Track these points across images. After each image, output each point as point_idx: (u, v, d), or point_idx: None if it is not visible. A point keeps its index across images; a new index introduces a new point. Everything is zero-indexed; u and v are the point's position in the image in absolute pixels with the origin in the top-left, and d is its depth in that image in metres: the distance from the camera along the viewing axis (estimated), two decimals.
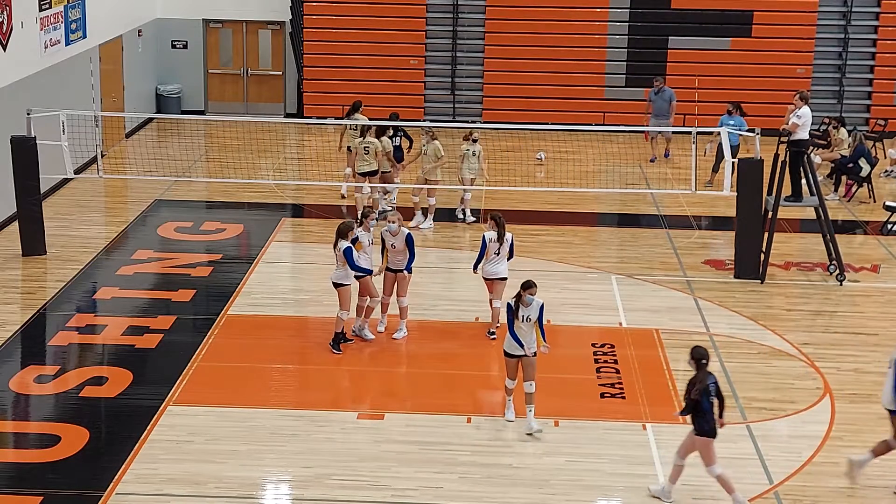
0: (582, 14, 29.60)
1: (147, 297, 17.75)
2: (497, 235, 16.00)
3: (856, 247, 20.95)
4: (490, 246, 16.05)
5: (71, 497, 12.04)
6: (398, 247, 15.98)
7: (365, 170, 21.11)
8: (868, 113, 29.48)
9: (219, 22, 30.90)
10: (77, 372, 15.04)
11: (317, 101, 29.81)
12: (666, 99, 26.19)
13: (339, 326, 15.71)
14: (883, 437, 12.67)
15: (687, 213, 22.58)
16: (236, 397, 14.34)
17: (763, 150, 19.18)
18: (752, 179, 18.83)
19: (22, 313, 17.01)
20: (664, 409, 14.16)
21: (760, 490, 12.37)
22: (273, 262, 19.44)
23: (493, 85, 29.82)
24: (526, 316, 13.29)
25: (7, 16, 20.85)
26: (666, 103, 26.19)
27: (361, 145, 21.10)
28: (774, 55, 29.36)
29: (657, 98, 26.24)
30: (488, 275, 16.19)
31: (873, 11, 29.73)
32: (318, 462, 12.76)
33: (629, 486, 12.44)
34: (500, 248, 16.06)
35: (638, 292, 18.25)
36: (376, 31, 29.65)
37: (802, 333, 16.77)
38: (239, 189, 23.50)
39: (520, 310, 13.29)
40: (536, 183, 23.04)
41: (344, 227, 15.51)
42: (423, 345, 16.21)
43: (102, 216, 22.16)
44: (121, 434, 13.41)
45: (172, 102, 30.38)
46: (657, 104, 26.28)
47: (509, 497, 12.16)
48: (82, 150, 22.21)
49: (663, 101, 26.19)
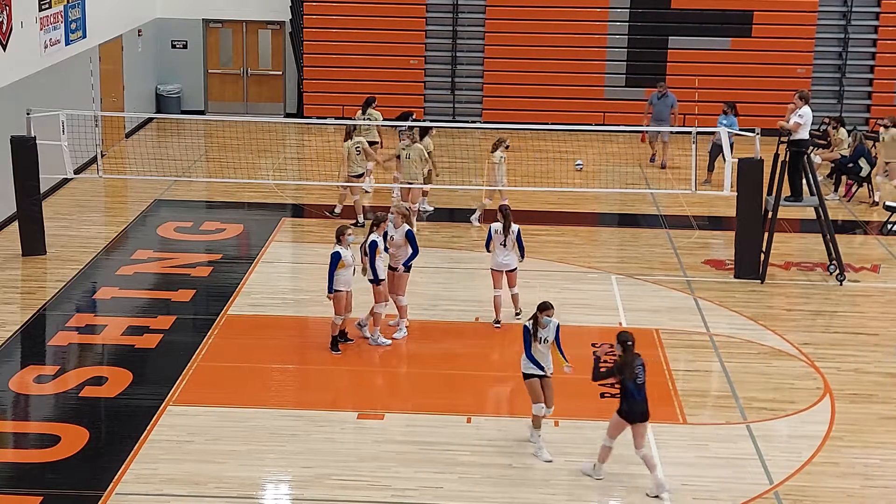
0: (582, 14, 29.60)
1: (147, 297, 17.74)
2: (503, 227, 16.10)
3: (856, 247, 20.96)
4: (495, 237, 16.25)
5: (71, 497, 12.04)
6: (397, 240, 15.97)
7: (358, 172, 21.03)
8: (868, 113, 29.47)
9: (219, 22, 30.90)
10: (77, 372, 15.03)
11: (317, 101, 29.81)
12: (668, 104, 26.00)
13: (334, 330, 15.73)
14: (882, 437, 12.68)
15: (687, 213, 22.58)
16: (236, 397, 14.34)
17: (763, 150, 19.18)
18: (752, 179, 18.83)
19: (22, 313, 17.01)
20: (664, 409, 14.15)
21: (760, 490, 12.37)
22: (273, 262, 19.44)
23: (493, 85, 29.82)
24: (543, 338, 13.04)
25: (7, 16, 20.85)
26: (667, 109, 26.02)
27: (353, 146, 20.95)
28: (774, 55, 29.36)
29: (659, 102, 26.04)
30: (498, 266, 16.40)
31: (873, 11, 29.73)
32: (318, 462, 12.76)
33: (629, 486, 12.43)
34: (505, 240, 16.23)
35: (638, 292, 18.25)
36: (376, 31, 29.65)
37: (802, 333, 16.76)
38: (239, 189, 23.50)
39: (538, 332, 12.99)
40: (536, 183, 23.01)
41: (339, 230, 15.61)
42: (423, 345, 16.21)
43: (102, 216, 22.16)
44: (121, 434, 13.41)
45: (172, 102, 30.38)
46: (658, 108, 26.07)
47: (509, 497, 12.16)
48: (82, 150, 22.20)
49: (665, 107, 26.00)
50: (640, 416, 12.08)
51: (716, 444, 13.37)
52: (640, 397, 12.02)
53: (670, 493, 12.18)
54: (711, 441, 13.45)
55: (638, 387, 12.02)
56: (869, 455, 13.17)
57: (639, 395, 12.02)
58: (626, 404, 12.06)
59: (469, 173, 24.12)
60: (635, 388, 12.01)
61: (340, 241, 15.51)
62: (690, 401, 14.48)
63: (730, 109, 24.15)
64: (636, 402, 12.02)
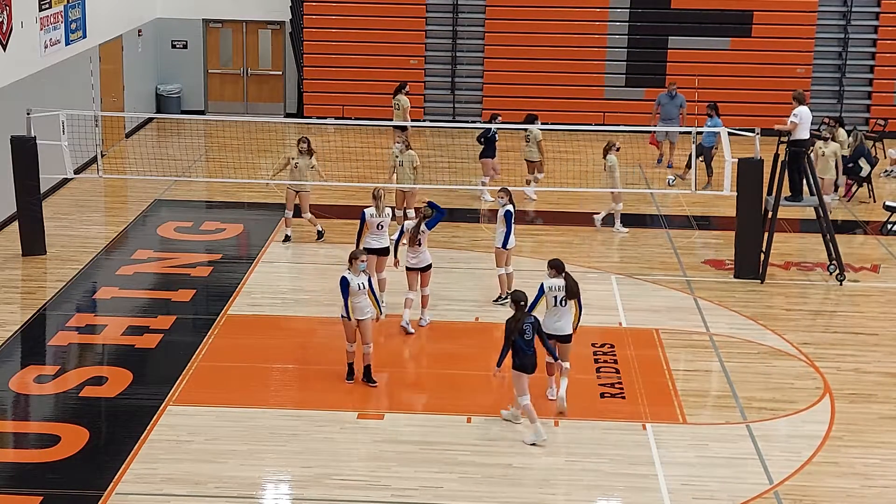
0: (582, 14, 29.61)
1: (147, 297, 17.75)
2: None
3: (856, 247, 20.96)
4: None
5: (71, 497, 12.04)
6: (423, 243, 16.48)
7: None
8: (868, 113, 29.48)
9: (219, 22, 30.91)
10: (77, 372, 15.04)
11: (317, 101, 29.81)
12: (677, 104, 26.07)
13: (349, 358, 14.86)
14: (882, 437, 12.68)
15: (687, 213, 22.59)
16: (236, 397, 14.34)
17: (763, 150, 19.18)
18: (752, 179, 18.83)
19: (22, 313, 17.01)
20: (664, 409, 14.17)
21: (760, 490, 12.37)
22: (273, 262, 19.44)
23: (493, 85, 29.82)
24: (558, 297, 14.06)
25: (7, 16, 20.86)
26: (676, 108, 26.08)
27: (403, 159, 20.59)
28: (774, 55, 29.37)
29: (669, 102, 26.08)
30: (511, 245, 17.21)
31: (873, 11, 29.74)
32: (318, 462, 12.76)
33: (629, 486, 12.44)
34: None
35: (638, 292, 18.25)
36: (376, 31, 29.66)
37: (802, 333, 16.77)
38: (239, 189, 23.51)
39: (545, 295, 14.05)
40: (536, 183, 23.06)
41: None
42: (423, 345, 16.21)
43: (102, 216, 22.16)
44: (121, 434, 13.41)
45: (172, 102, 30.38)
46: (667, 108, 26.08)
47: (509, 497, 12.16)
48: (82, 150, 22.21)
49: (674, 107, 26.06)
50: (531, 368, 13.27)
51: (716, 444, 13.37)
52: (529, 351, 13.21)
53: (545, 441, 13.04)
54: (711, 441, 13.45)
55: (527, 342, 13.18)
56: (869, 455, 13.17)
57: (528, 350, 13.20)
58: (517, 359, 13.21)
59: (469, 173, 24.12)
60: (524, 344, 13.17)
61: (352, 265, 14.51)
62: (690, 401, 14.48)
63: (713, 111, 24.21)
64: (526, 356, 13.21)
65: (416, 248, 16.37)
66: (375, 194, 16.94)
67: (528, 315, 13.32)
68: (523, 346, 13.20)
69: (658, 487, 12.40)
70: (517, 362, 13.23)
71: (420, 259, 16.42)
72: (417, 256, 16.41)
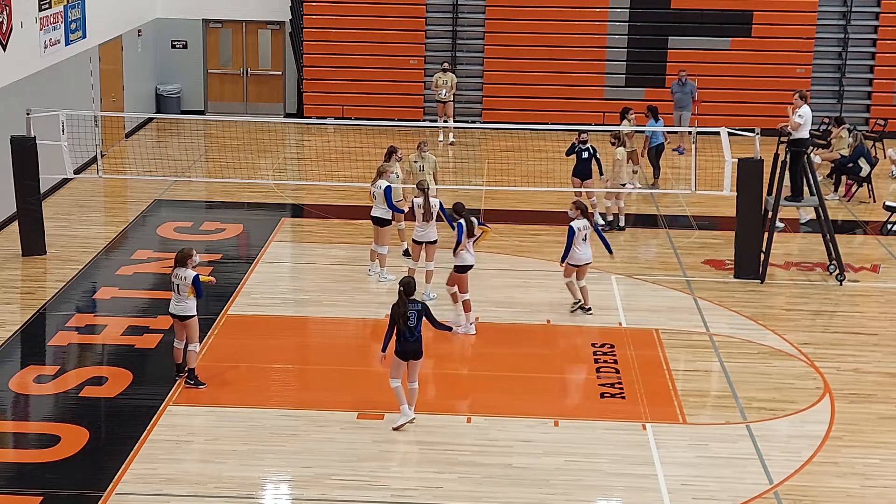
0: (582, 14, 29.61)
1: (147, 297, 17.74)
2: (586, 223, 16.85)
3: (856, 247, 20.96)
4: (578, 234, 16.69)
5: (71, 497, 12.04)
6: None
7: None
8: (868, 113, 29.48)
9: (219, 22, 30.90)
10: (77, 372, 15.03)
11: (317, 101, 29.81)
12: (687, 91, 26.90)
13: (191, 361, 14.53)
14: (882, 437, 12.68)
15: (687, 213, 22.59)
16: (236, 397, 14.34)
17: (763, 150, 19.18)
18: (752, 179, 18.83)
19: (22, 313, 17.00)
20: (664, 409, 14.17)
21: (760, 490, 12.37)
22: (273, 262, 19.43)
23: (493, 85, 29.82)
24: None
25: (7, 16, 20.85)
26: (688, 96, 26.90)
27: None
28: (774, 55, 29.37)
29: (680, 90, 26.89)
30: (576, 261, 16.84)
31: (873, 11, 29.74)
32: (318, 462, 12.76)
33: (629, 486, 12.44)
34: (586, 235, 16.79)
35: (638, 292, 18.25)
36: (376, 31, 29.65)
37: (802, 333, 16.76)
38: (239, 189, 23.51)
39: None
40: (536, 183, 23.01)
41: (182, 255, 14.47)
42: (427, 343, 16.16)
43: (102, 216, 22.16)
44: (121, 434, 13.41)
45: (172, 102, 30.38)
46: (679, 96, 26.92)
47: (509, 497, 12.16)
48: (82, 150, 22.21)
49: (685, 94, 26.88)
50: (413, 355, 13.37)
51: (716, 444, 13.36)
52: (411, 339, 13.32)
53: (413, 421, 13.26)
54: (711, 441, 13.44)
55: (409, 329, 13.27)
56: (869, 455, 13.17)
57: (410, 337, 13.31)
58: (399, 345, 13.33)
59: (469, 173, 24.12)
60: (406, 330, 13.28)
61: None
62: (690, 401, 14.48)
63: (650, 114, 24.31)
64: (408, 343, 13.32)
65: (425, 223, 17.18)
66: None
67: (414, 302, 13.37)
68: (406, 334, 13.28)
69: (658, 487, 12.40)
70: (397, 348, 13.35)
71: (426, 234, 17.28)
72: (425, 231, 17.27)
